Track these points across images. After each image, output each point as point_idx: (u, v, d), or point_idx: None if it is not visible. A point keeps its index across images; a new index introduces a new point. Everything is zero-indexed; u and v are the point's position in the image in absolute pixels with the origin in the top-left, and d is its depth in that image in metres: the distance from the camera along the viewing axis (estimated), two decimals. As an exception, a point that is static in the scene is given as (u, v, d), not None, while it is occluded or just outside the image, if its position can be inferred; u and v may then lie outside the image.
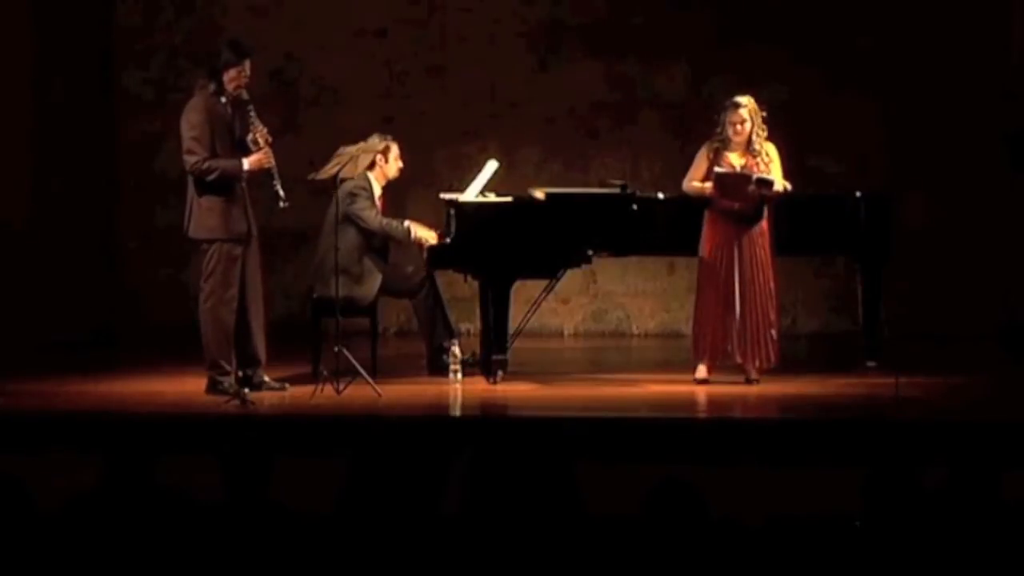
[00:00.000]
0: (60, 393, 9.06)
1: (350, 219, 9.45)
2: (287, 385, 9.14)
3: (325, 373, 8.93)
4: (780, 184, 9.12)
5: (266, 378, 9.05)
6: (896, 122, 11.91)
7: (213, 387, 8.84)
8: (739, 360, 9.19)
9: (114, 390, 9.22)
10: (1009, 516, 4.33)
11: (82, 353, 10.65)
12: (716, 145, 9.24)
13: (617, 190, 9.58)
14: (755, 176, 9.08)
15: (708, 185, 9.16)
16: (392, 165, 9.67)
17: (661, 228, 9.42)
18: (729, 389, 9.15)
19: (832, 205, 9.74)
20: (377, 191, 9.64)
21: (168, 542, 4.36)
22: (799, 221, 9.65)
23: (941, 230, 11.81)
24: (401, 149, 9.75)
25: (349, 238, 9.43)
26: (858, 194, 9.72)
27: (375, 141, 9.52)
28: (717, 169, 9.13)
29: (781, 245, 9.65)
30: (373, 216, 9.53)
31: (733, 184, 9.11)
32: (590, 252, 9.46)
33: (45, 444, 7.93)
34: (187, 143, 8.80)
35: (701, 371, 9.27)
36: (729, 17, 12.03)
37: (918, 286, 11.50)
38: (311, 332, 9.55)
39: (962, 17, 11.87)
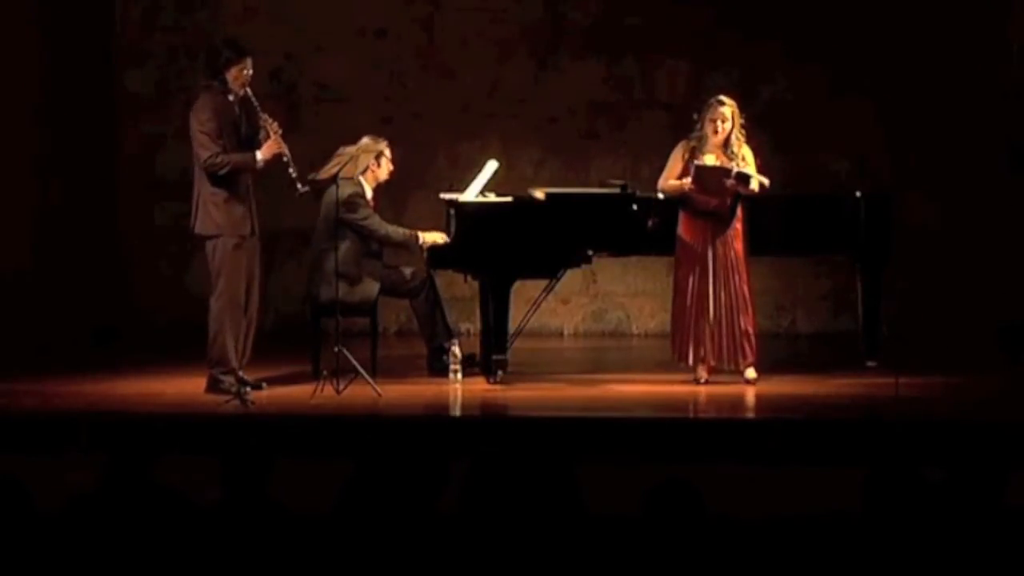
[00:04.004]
0: (60, 393, 9.06)
1: (348, 226, 9.44)
2: (264, 384, 9.12)
3: (325, 373, 8.93)
4: (756, 181, 9.10)
5: (242, 375, 9.01)
6: (896, 122, 11.91)
7: (213, 386, 8.85)
8: (713, 363, 9.19)
9: (114, 390, 9.22)
10: (1009, 516, 4.33)
11: (82, 353, 10.66)
12: (692, 144, 9.23)
13: (617, 190, 9.57)
14: (734, 170, 9.06)
15: (686, 181, 9.15)
16: (384, 168, 9.67)
17: (661, 228, 9.40)
18: (729, 389, 9.15)
19: (832, 205, 9.74)
20: (368, 194, 9.64)
21: (168, 542, 4.36)
22: (799, 221, 9.66)
23: (941, 230, 11.81)
24: (401, 149, 9.75)
25: (346, 244, 9.41)
26: (858, 194, 9.72)
27: (368, 142, 9.52)
28: (696, 162, 9.11)
29: (781, 245, 9.68)
30: (377, 224, 9.53)
31: (712, 177, 9.10)
32: (590, 252, 9.46)
33: (45, 444, 7.93)
34: (198, 138, 8.82)
35: (701, 371, 9.27)
36: (729, 17, 12.03)
37: (918, 286, 11.50)
38: (311, 332, 9.56)
39: (962, 17, 11.87)
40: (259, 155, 8.82)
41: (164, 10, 12.35)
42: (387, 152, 9.66)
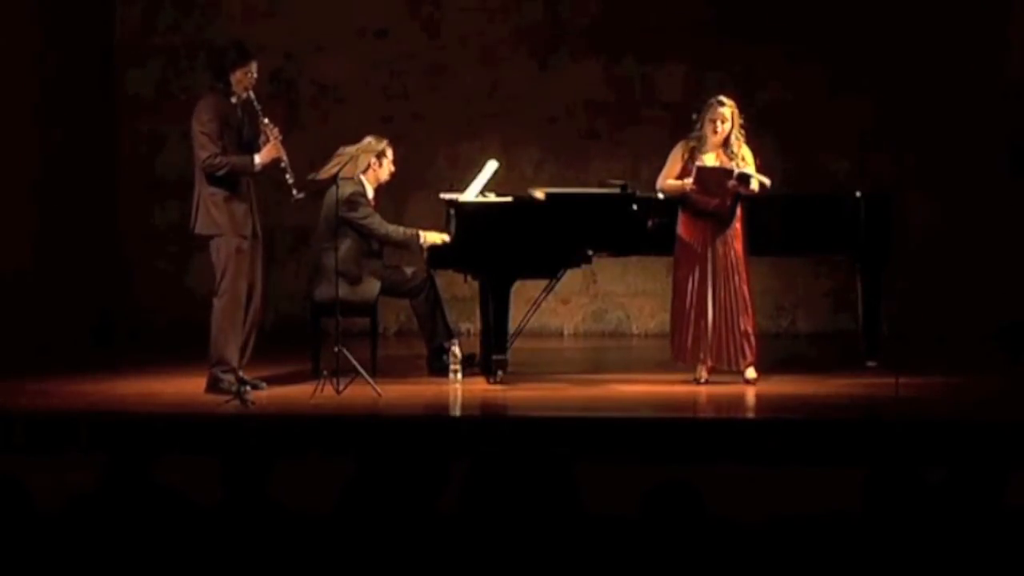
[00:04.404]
0: (60, 393, 9.06)
1: (349, 225, 9.45)
2: (264, 384, 9.12)
3: (325, 373, 8.94)
4: (756, 181, 9.10)
5: (242, 374, 9.00)
6: (896, 122, 11.91)
7: (214, 385, 8.85)
8: (713, 363, 9.19)
9: (114, 390, 9.22)
10: (1009, 516, 4.34)
11: (82, 353, 10.65)
12: (692, 144, 9.24)
13: (617, 190, 9.57)
14: (736, 171, 9.07)
15: (687, 182, 9.15)
16: (385, 168, 9.68)
17: (662, 229, 9.39)
18: (729, 389, 9.15)
19: (832, 205, 9.74)
20: (370, 193, 9.65)
21: (168, 542, 4.36)
22: (799, 221, 9.66)
23: (941, 230, 11.81)
24: (401, 149, 9.76)
25: (347, 243, 9.42)
26: (858, 194, 9.72)
27: (371, 142, 9.52)
28: (698, 163, 9.12)
29: (781, 245, 9.68)
30: (378, 224, 9.54)
31: (714, 178, 9.11)
32: (590, 252, 9.46)
33: (45, 444, 7.93)
34: (199, 138, 8.84)
35: (701, 371, 9.27)
36: (729, 17, 12.03)
37: (918, 286, 11.50)
38: (311, 332, 9.56)
39: (962, 17, 11.87)
40: (257, 159, 8.84)
41: (164, 10, 12.35)
42: (389, 152, 9.66)
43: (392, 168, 9.71)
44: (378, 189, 9.73)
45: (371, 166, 9.59)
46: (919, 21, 11.88)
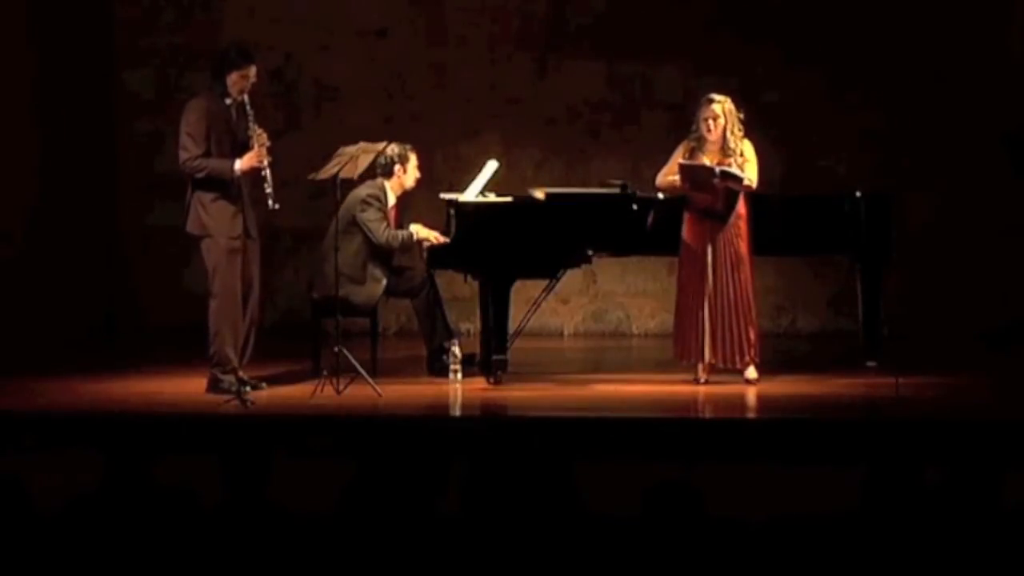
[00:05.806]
0: (60, 393, 9.06)
1: (358, 225, 9.45)
2: (264, 384, 9.11)
3: (325, 373, 8.94)
4: (747, 179, 9.10)
5: (242, 375, 9.00)
6: (896, 122, 11.91)
7: (214, 385, 8.85)
8: (714, 360, 9.19)
9: (114, 390, 9.22)
10: (1008, 516, 4.34)
11: (82, 352, 10.65)
12: (692, 144, 9.25)
13: (617, 190, 9.57)
14: (719, 169, 9.07)
15: (677, 178, 9.18)
16: (410, 175, 9.65)
17: (661, 228, 9.40)
18: (729, 389, 9.15)
19: (832, 205, 9.73)
20: (391, 200, 9.62)
21: (168, 542, 4.36)
22: (799, 221, 9.66)
23: (941, 230, 11.81)
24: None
25: (355, 243, 9.42)
26: (858, 194, 9.71)
27: (392, 146, 9.48)
28: (681, 161, 9.14)
29: (781, 245, 9.67)
30: (381, 230, 9.50)
31: (698, 176, 9.11)
32: (590, 252, 9.46)
33: (45, 444, 7.93)
34: (182, 139, 8.88)
35: (701, 371, 9.27)
36: (730, 17, 12.03)
37: (918, 286, 11.50)
38: (311, 332, 9.56)
39: (962, 17, 11.87)
40: (237, 165, 8.80)
41: (164, 10, 12.35)
42: (413, 159, 9.63)
43: (418, 175, 9.68)
44: (400, 197, 9.71)
45: (396, 173, 9.57)
46: (918, 21, 11.89)
